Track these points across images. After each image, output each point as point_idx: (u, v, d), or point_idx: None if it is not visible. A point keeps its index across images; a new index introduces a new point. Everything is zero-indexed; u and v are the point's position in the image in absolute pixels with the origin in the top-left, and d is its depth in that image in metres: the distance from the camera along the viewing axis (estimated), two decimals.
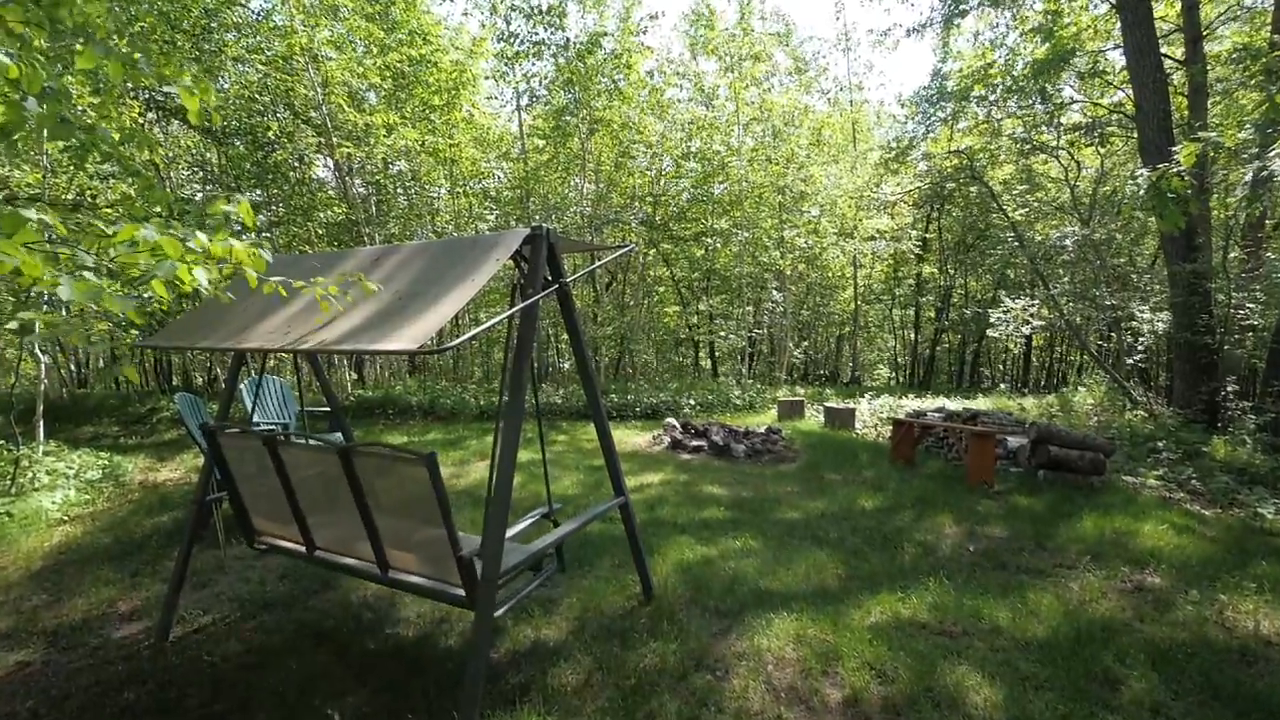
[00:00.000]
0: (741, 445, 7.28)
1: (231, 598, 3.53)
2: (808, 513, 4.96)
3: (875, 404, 10.47)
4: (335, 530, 2.71)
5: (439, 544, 2.34)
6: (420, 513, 2.34)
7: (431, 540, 2.38)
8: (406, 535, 2.47)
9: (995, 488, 5.53)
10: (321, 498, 2.64)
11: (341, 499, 2.49)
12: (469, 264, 2.34)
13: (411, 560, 2.52)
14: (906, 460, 6.51)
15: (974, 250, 18.30)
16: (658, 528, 4.54)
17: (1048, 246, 11.05)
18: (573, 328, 3.00)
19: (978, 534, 4.45)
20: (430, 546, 2.41)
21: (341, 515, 2.57)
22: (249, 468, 2.82)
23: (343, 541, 2.71)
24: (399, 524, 2.46)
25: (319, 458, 2.53)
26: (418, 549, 2.48)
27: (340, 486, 2.46)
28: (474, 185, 14.60)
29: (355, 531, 2.55)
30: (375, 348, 1.97)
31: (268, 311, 2.58)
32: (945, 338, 20.08)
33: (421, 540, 2.43)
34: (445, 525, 2.26)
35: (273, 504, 2.80)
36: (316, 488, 2.63)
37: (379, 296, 2.33)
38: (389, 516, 2.46)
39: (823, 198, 15.49)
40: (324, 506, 2.67)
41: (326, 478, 2.51)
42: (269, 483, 2.72)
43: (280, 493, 2.70)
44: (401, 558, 2.54)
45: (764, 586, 3.56)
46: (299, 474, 2.64)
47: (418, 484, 2.25)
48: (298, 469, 2.63)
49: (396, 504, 2.42)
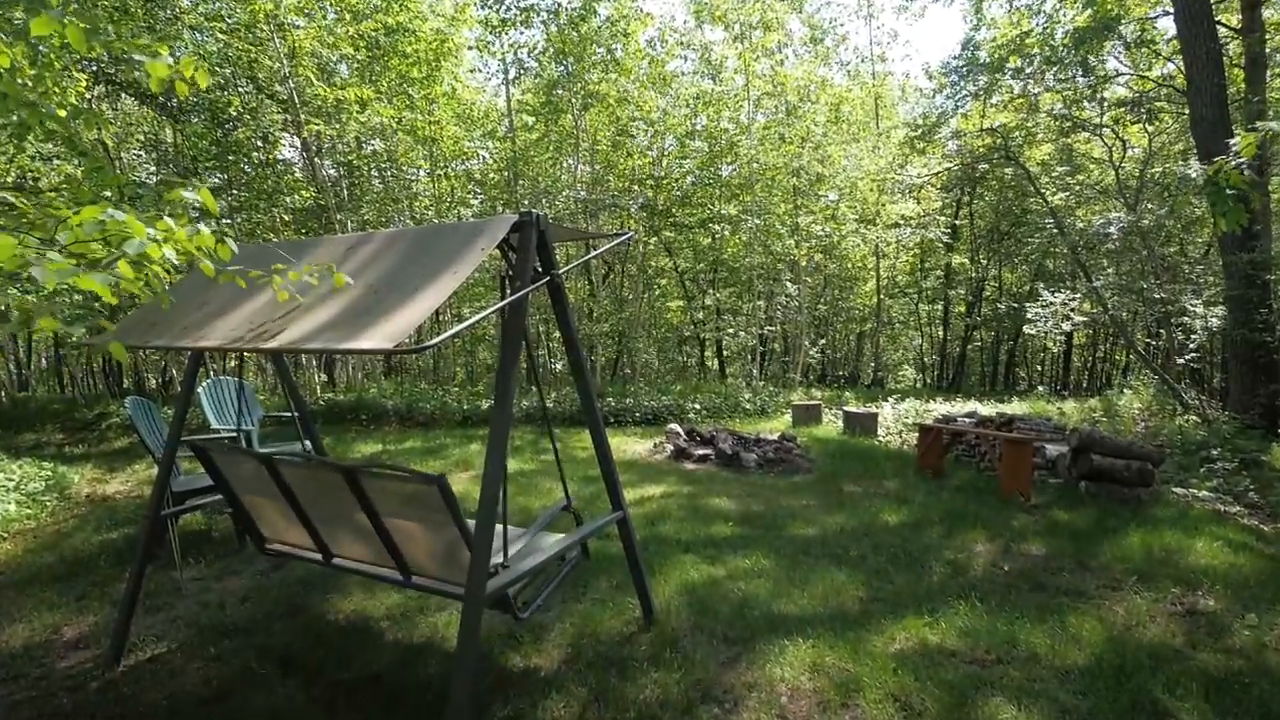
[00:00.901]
0: (752, 454, 7.28)
1: (189, 623, 3.52)
2: (825, 528, 4.96)
3: (900, 408, 10.47)
4: (351, 540, 2.81)
5: (454, 548, 2.48)
6: (434, 528, 2.47)
7: (448, 548, 2.51)
8: (423, 543, 2.58)
9: (1032, 501, 5.53)
10: (331, 511, 2.75)
11: (353, 514, 2.61)
12: (451, 254, 2.34)
13: (430, 565, 2.64)
14: (934, 470, 6.51)
15: (1009, 239, 18.30)
16: (659, 545, 4.54)
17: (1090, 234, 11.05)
18: (565, 324, 3.00)
19: (1013, 552, 4.45)
20: (448, 554, 2.53)
21: (355, 528, 2.69)
22: (247, 481, 2.91)
23: (359, 548, 2.81)
24: (414, 537, 2.58)
25: (324, 477, 2.61)
26: (435, 554, 2.59)
27: (349, 503, 2.57)
28: (456, 167, 14.60)
29: (372, 542, 2.68)
30: (347, 346, 1.97)
31: (228, 307, 2.57)
32: (977, 335, 20.09)
33: (438, 550, 2.55)
34: (465, 539, 2.40)
35: (280, 515, 2.92)
36: (324, 502, 2.73)
37: (351, 290, 2.33)
38: (404, 531, 2.58)
39: (841, 180, 15.49)
40: (335, 519, 2.78)
41: (333, 495, 2.61)
42: (272, 495, 2.83)
43: (286, 505, 2.81)
44: (419, 563, 2.66)
45: (777, 610, 3.56)
46: (304, 491, 2.74)
47: (430, 502, 2.38)
48: (302, 487, 2.73)
49: (410, 521, 2.53)
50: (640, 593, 3.39)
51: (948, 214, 18.63)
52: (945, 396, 13.18)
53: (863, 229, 15.96)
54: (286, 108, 10.75)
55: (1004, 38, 12.83)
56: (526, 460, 7.39)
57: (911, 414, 9.86)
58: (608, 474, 3.22)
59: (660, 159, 15.25)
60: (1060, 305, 9.84)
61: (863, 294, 20.42)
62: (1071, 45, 10.96)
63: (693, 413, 10.49)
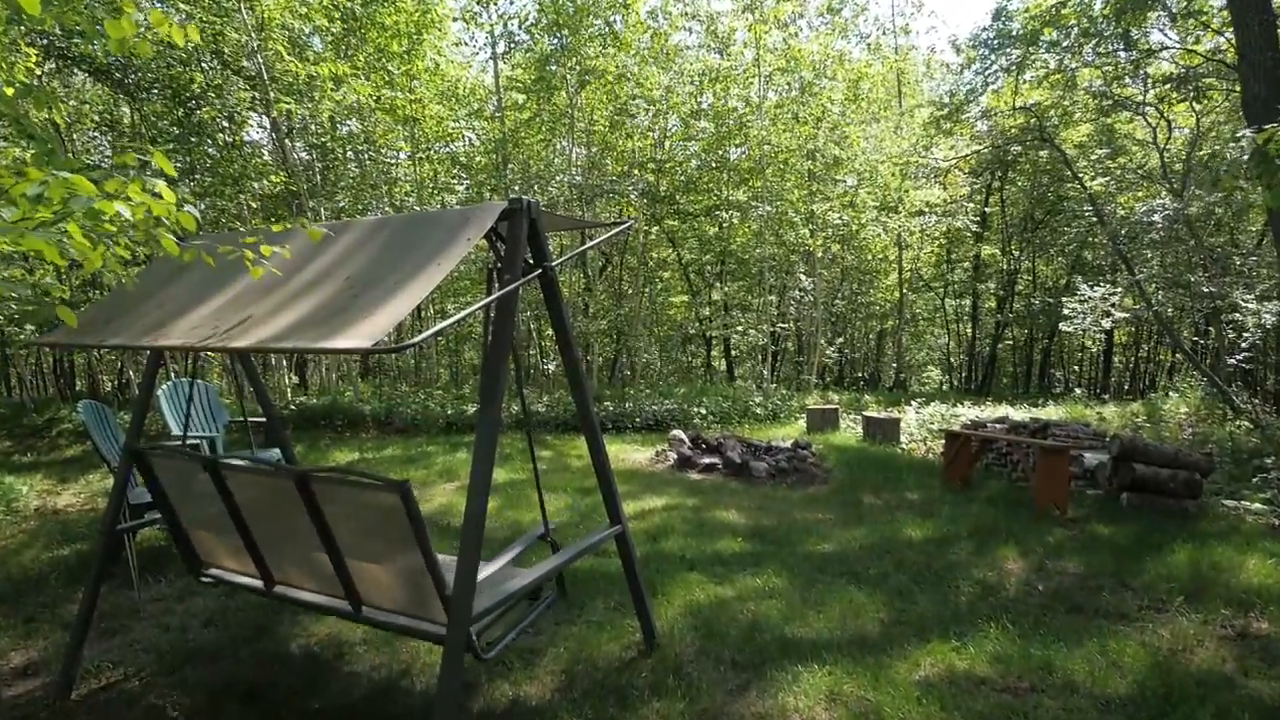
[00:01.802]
0: (763, 463, 7.28)
1: (147, 648, 3.53)
2: (843, 544, 4.96)
3: (924, 413, 10.47)
4: (297, 563, 2.74)
5: (418, 577, 2.38)
6: (394, 546, 2.37)
7: (410, 574, 2.41)
8: (381, 570, 2.51)
9: (1069, 514, 5.53)
10: (278, 528, 2.67)
11: (302, 529, 2.52)
12: (434, 245, 2.34)
13: (387, 596, 2.56)
14: (962, 481, 6.51)
15: (1044, 228, 18.30)
16: (662, 562, 4.54)
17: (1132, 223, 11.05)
18: (559, 321, 3.00)
19: (1048, 570, 4.45)
20: (410, 581, 2.44)
21: (303, 547, 2.61)
22: (188, 492, 2.85)
23: (307, 576, 2.74)
24: (370, 557, 2.50)
25: (272, 484, 2.55)
26: (395, 584, 2.51)
27: (299, 515, 2.48)
28: (440, 149, 14.61)
29: (320, 565, 2.59)
30: (321, 346, 1.97)
31: (191, 303, 2.58)
32: (1009, 333, 20.09)
33: (399, 574, 2.46)
34: (426, 560, 2.30)
35: (220, 531, 2.83)
36: (271, 516, 2.66)
37: (326, 284, 2.34)
38: (359, 549, 2.50)
39: (861, 164, 15.49)
40: (282, 537, 2.70)
41: (282, 506, 2.53)
42: (214, 508, 2.75)
43: (228, 520, 2.73)
44: (376, 594, 2.58)
45: (790, 633, 3.56)
46: (249, 502, 2.67)
47: (390, 514, 2.29)
48: (247, 496, 2.66)
49: (366, 536, 2.45)
50: (641, 614, 3.39)
51: (977, 201, 18.63)
52: (974, 400, 13.19)
53: (884, 217, 15.96)
54: (254, 85, 10.76)
55: (1038, 8, 12.81)
56: (517, 469, 7.39)
57: (937, 419, 9.86)
58: (605, 485, 3.22)
59: (663, 141, 15.26)
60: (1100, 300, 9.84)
61: (884, 288, 20.42)
62: (1112, 16, 10.96)
63: (698, 418, 10.49)
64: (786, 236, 14.94)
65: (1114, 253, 12.68)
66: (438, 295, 15.13)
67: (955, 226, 17.30)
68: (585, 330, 13.60)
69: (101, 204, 1.74)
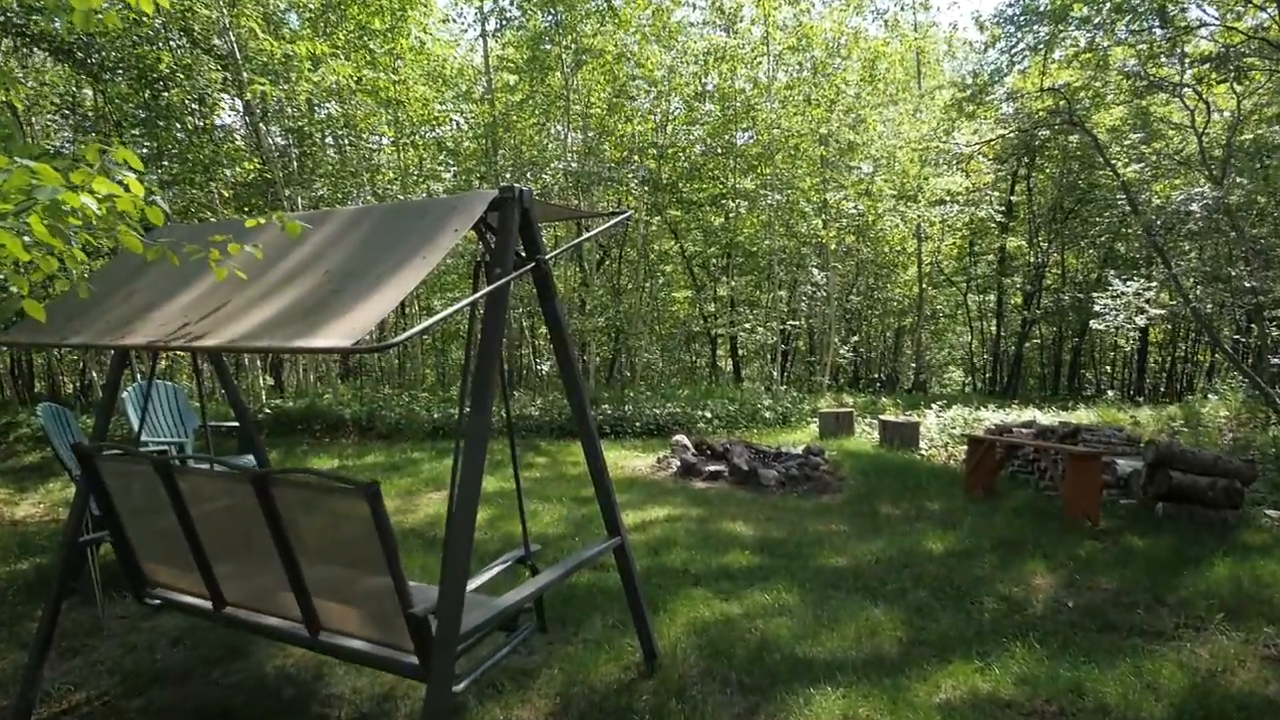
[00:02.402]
0: (772, 471, 7.29)
1: (112, 669, 3.53)
2: (858, 558, 4.96)
3: (945, 417, 10.47)
4: (250, 580, 2.70)
5: (384, 598, 2.33)
6: (360, 558, 2.33)
7: (375, 593, 2.37)
8: (343, 587, 2.46)
9: (1101, 525, 5.53)
10: (232, 539, 2.63)
11: (258, 541, 2.48)
12: (420, 236, 2.35)
13: (350, 619, 2.51)
14: (986, 490, 6.51)
15: (1074, 218, 18.31)
16: (664, 577, 4.54)
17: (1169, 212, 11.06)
18: (553, 318, 3.00)
19: (1078, 585, 4.45)
20: (373, 601, 2.40)
21: (258, 561, 2.56)
22: (136, 499, 2.81)
23: (260, 595, 2.70)
24: (333, 573, 2.46)
25: (228, 488, 2.52)
26: (357, 604, 2.47)
27: (256, 525, 2.44)
28: (426, 134, 14.61)
29: (276, 582, 2.54)
30: (299, 345, 1.97)
31: (159, 298, 2.58)
32: (1036, 331, 20.11)
33: (362, 593, 2.42)
34: (392, 574, 2.25)
35: (169, 546, 2.79)
36: (225, 526, 2.62)
37: (303, 278, 2.34)
38: (320, 563, 2.45)
39: (877, 149, 15.50)
40: (235, 550, 2.66)
41: (238, 514, 2.49)
42: (163, 519, 2.70)
43: (178, 532, 2.69)
44: (337, 616, 2.53)
45: (801, 653, 3.56)
46: (202, 508, 2.63)
47: (356, 522, 2.23)
48: (201, 502, 2.62)
49: (329, 547, 2.42)
50: (641, 633, 3.39)
51: (1002, 189, 18.63)
52: (999, 403, 13.19)
53: (902, 206, 15.97)
54: (226, 65, 10.76)
55: None
56: (508, 478, 7.38)
57: (959, 423, 9.86)
58: (603, 494, 3.23)
59: (664, 125, 15.26)
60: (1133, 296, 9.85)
61: (902, 283, 20.44)
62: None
63: (702, 422, 10.49)
64: (797, 227, 14.93)
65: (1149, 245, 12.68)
66: (423, 290, 15.13)
67: (979, 217, 17.29)
68: (581, 328, 13.60)
69: (66, 195, 1.73)
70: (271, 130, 12.53)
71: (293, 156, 12.82)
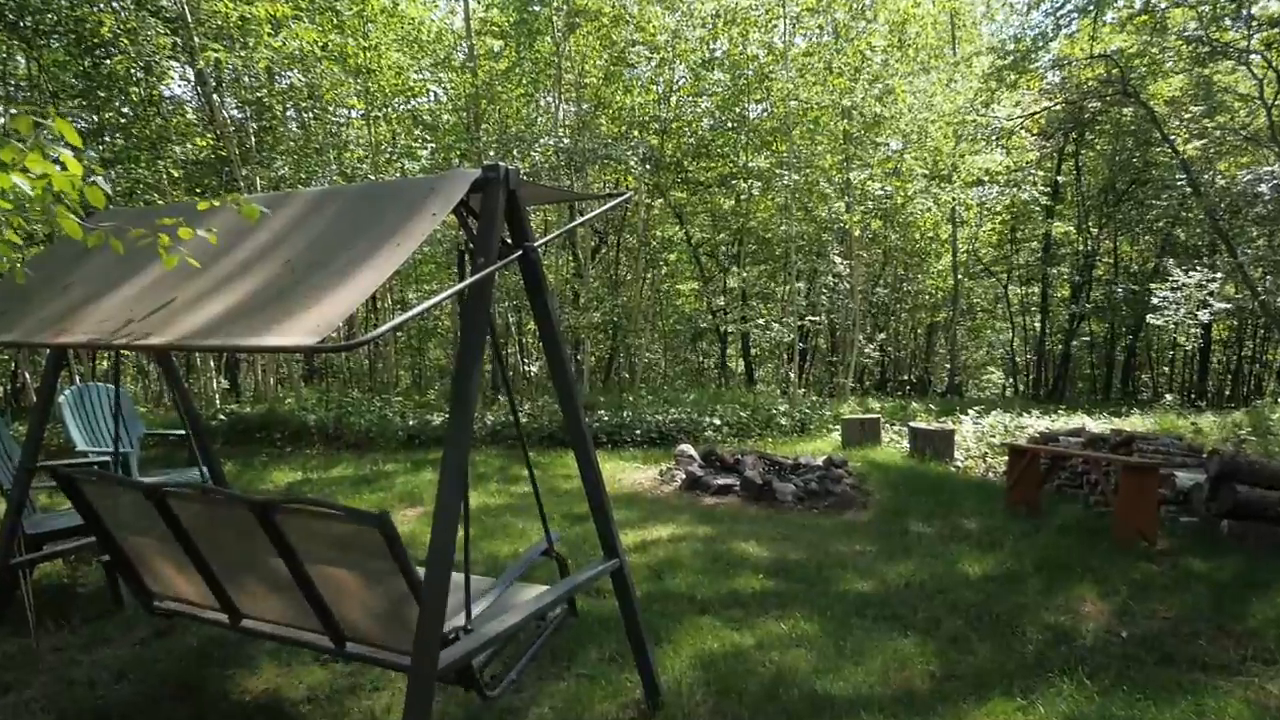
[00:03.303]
0: (789, 484, 7.28)
1: (48, 706, 3.52)
2: (886, 582, 4.96)
3: (984, 424, 10.47)
4: (265, 597, 2.81)
5: (404, 609, 2.48)
6: (376, 578, 2.48)
7: (394, 605, 2.52)
8: (361, 601, 2.59)
9: (1158, 545, 5.52)
10: (239, 561, 2.76)
11: (267, 564, 2.62)
12: (393, 221, 2.34)
13: (373, 630, 2.65)
14: (1030, 506, 6.51)
15: (1127, 200, 18.32)
16: (668, 604, 4.54)
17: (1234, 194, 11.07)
18: (543, 313, 3.00)
19: (1133, 613, 4.44)
20: (394, 613, 2.54)
21: (270, 581, 2.70)
22: (129, 521, 2.92)
23: (278, 610, 2.82)
24: (349, 588, 2.60)
25: (231, 515, 2.61)
26: (379, 616, 2.59)
27: (263, 549, 2.57)
28: (399, 106, 14.63)
29: (291, 599, 2.68)
30: (257, 343, 1.97)
31: (101, 291, 2.58)
32: (1085, 327, 20.12)
33: (382, 606, 2.55)
34: (414, 592, 2.41)
35: (173, 563, 2.93)
36: (229, 546, 2.73)
37: (262, 268, 2.34)
38: (335, 581, 2.59)
39: (907, 124, 15.51)
40: (243, 568, 2.78)
41: (240, 536, 2.61)
42: (162, 539, 2.83)
43: (180, 550, 2.81)
44: (358, 628, 2.67)
45: (822, 689, 3.56)
46: (203, 531, 2.74)
47: (371, 550, 2.39)
48: (199, 525, 2.73)
49: (342, 569, 2.55)
50: (642, 666, 3.39)
51: (1047, 168, 18.65)
52: (1043, 408, 13.18)
53: (935, 188, 15.99)
54: (176, 29, 10.77)
55: None
56: (493, 493, 7.39)
57: (999, 431, 9.86)
58: (599, 511, 3.22)
59: (668, 96, 15.27)
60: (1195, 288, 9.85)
61: (935, 274, 20.45)
62: None
63: (710, 430, 10.49)
64: (817, 211, 14.94)
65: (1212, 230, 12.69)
66: (397, 282, 15.15)
67: (1021, 199, 17.30)
68: (575, 324, 13.62)
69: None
70: (227, 102, 12.54)
71: (250, 131, 12.82)
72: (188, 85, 12.67)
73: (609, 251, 17.48)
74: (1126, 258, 19.91)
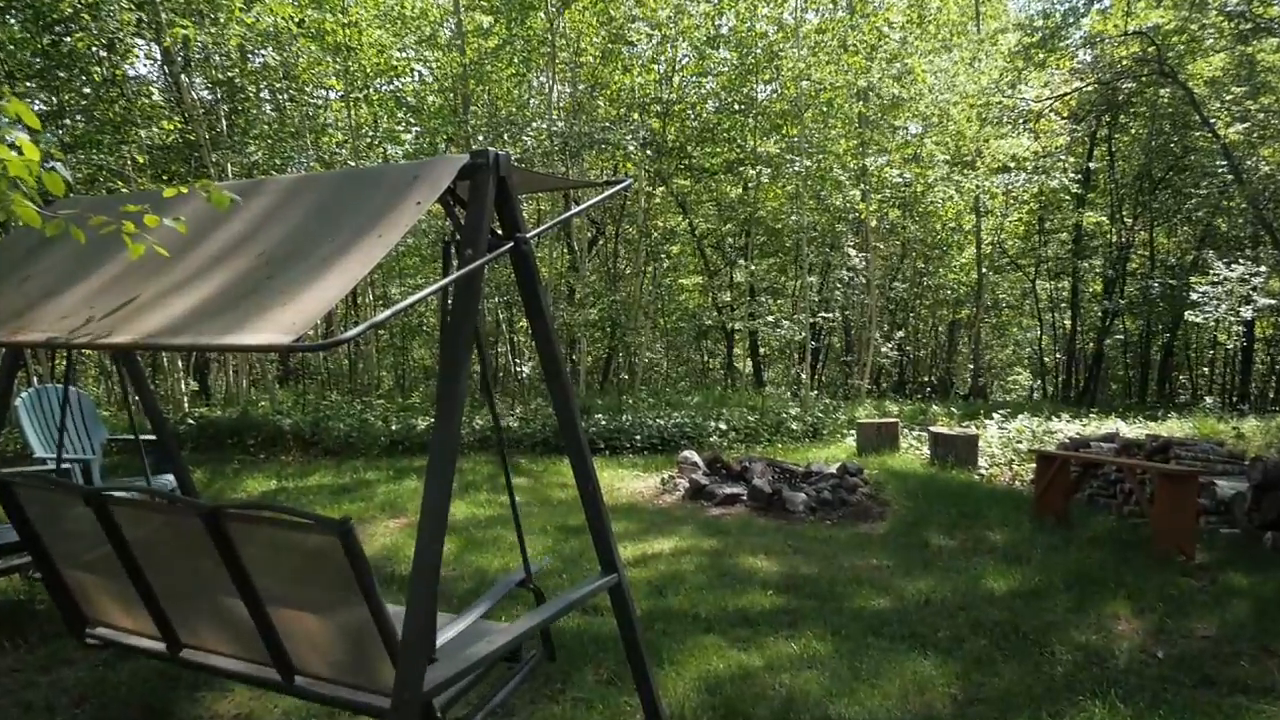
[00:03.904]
0: (800, 494, 7.29)
1: None
2: (904, 599, 4.96)
3: (1009, 428, 10.47)
4: (209, 621, 2.75)
5: (363, 636, 2.39)
6: (334, 597, 2.39)
7: (352, 631, 2.42)
8: (317, 625, 2.52)
9: (1197, 559, 5.52)
10: (184, 577, 2.69)
11: (214, 580, 2.53)
12: (375, 211, 2.35)
13: (326, 660, 2.57)
14: (1059, 517, 6.51)
15: (1164, 188, 18.31)
16: (670, 622, 4.54)
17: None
18: (536, 310, 3.00)
19: (1170, 631, 4.45)
20: (351, 640, 2.45)
21: (216, 601, 2.62)
22: (65, 531, 2.86)
23: (223, 636, 2.75)
24: (302, 611, 2.52)
25: (174, 523, 2.56)
26: (335, 643, 2.52)
27: (211, 563, 2.50)
28: (381, 87, 14.62)
29: (239, 623, 2.60)
30: (228, 342, 1.97)
31: (60, 285, 2.58)
32: (1119, 325, 20.13)
33: (339, 631, 2.47)
34: (373, 614, 2.31)
35: (110, 581, 2.85)
36: (173, 561, 2.67)
37: (234, 261, 2.34)
38: (288, 603, 2.51)
39: (927, 106, 15.51)
40: (189, 588, 2.71)
41: (186, 548, 2.54)
42: (101, 553, 2.76)
43: (119, 567, 2.73)
44: (310, 657, 2.59)
45: (835, 714, 3.56)
46: (144, 543, 2.68)
47: (328, 562, 2.30)
48: (141, 536, 2.67)
49: (297, 586, 2.47)
50: (641, 690, 3.39)
51: (1078, 154, 18.65)
52: (1074, 412, 13.19)
53: (957, 174, 15.98)
54: (141, 4, 10.77)
55: None
56: (483, 504, 7.39)
57: (1026, 437, 9.86)
58: (596, 522, 3.22)
59: (670, 76, 15.27)
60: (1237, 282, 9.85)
61: (957, 267, 20.44)
62: None
63: (716, 435, 10.49)
64: (831, 200, 14.94)
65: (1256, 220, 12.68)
66: (378, 276, 15.15)
67: (1050, 187, 17.28)
68: (570, 321, 13.62)
69: None
70: (196, 83, 12.55)
71: (221, 114, 12.83)
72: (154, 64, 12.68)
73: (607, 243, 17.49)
74: (1163, 250, 19.90)
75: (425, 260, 15.96)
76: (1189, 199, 17.48)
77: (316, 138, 14.23)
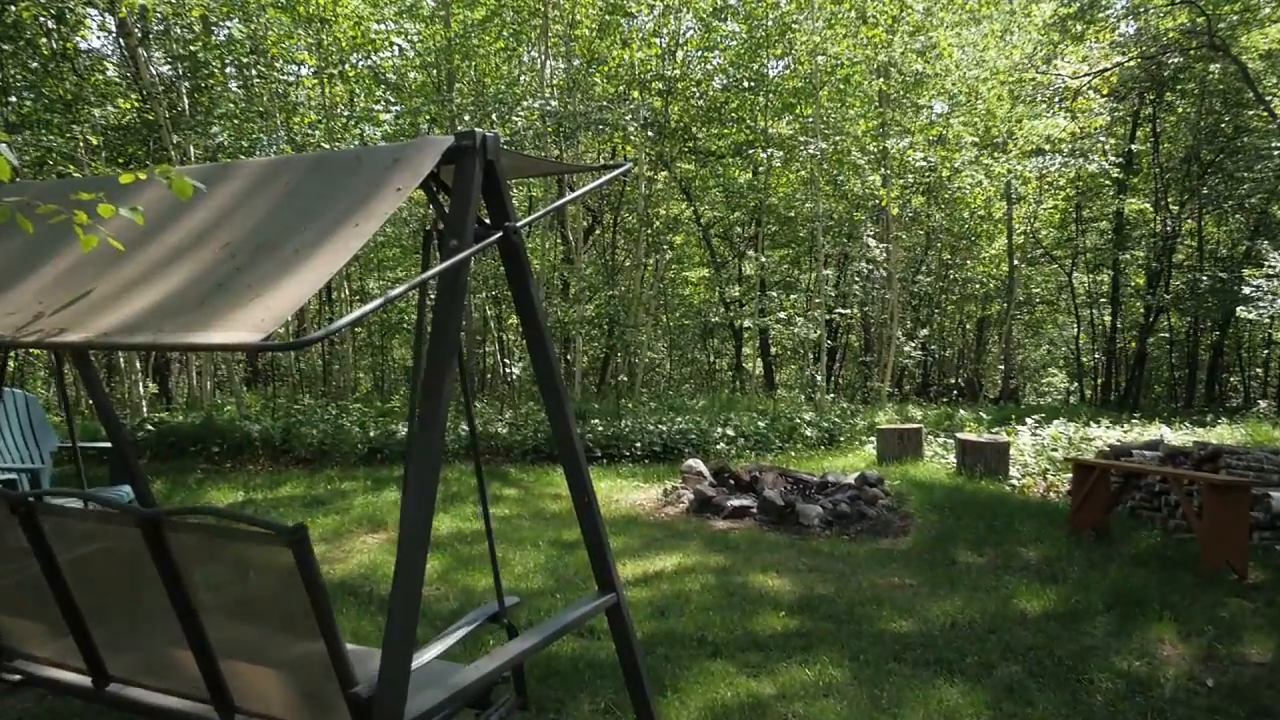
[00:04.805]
0: (815, 506, 7.28)
1: None
2: (929, 621, 4.96)
3: (1044, 435, 10.47)
4: (141, 649, 2.70)
5: (315, 669, 2.33)
6: (284, 623, 2.33)
7: (302, 663, 2.37)
8: (262, 659, 2.47)
9: (1250, 578, 5.51)
10: (115, 597, 2.63)
11: (149, 599, 2.47)
12: (351, 198, 2.34)
13: (271, 697, 2.52)
14: (1098, 531, 6.51)
15: (1214, 173, 18.30)
16: (674, 646, 4.54)
17: None
18: (527, 306, 3.00)
19: (1219, 657, 4.44)
20: (301, 673, 2.40)
21: (151, 625, 2.56)
22: None
23: (156, 668, 2.70)
24: (249, 641, 2.46)
25: (107, 532, 2.52)
26: (282, 681, 2.47)
27: (147, 579, 2.43)
28: (358, 63, 14.63)
29: (175, 651, 2.54)
30: (191, 340, 1.97)
31: (6, 279, 2.58)
32: (1165, 321, 20.14)
33: (288, 667, 2.42)
34: (328, 645, 2.25)
35: (31, 604, 2.79)
36: (106, 580, 2.62)
37: (197, 253, 2.34)
38: (231, 629, 2.46)
39: (954, 83, 15.51)
40: (120, 611, 2.66)
41: (122, 565, 2.49)
42: (22, 570, 2.70)
43: (43, 586, 2.68)
44: (253, 693, 2.53)
45: None
46: (74, 558, 2.62)
47: (277, 578, 2.23)
48: (72, 550, 2.61)
49: (242, 609, 2.43)
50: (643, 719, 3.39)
51: (1119, 135, 18.65)
52: (1114, 417, 13.20)
53: (987, 158, 15.98)
54: None
55: None
56: (469, 516, 7.39)
57: (1062, 444, 9.86)
58: (593, 537, 3.23)
59: (673, 51, 15.28)
60: None
61: (987, 259, 20.45)
62: None
63: (724, 443, 10.49)
64: (848, 185, 14.94)
65: None
66: (356, 268, 15.17)
67: (1088, 171, 17.29)
68: (565, 318, 13.63)
69: None
70: (154, 57, 12.55)
71: (183, 92, 12.82)
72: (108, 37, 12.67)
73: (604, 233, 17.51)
74: (1213, 240, 19.90)
75: (406, 252, 15.96)
76: (1241, 184, 17.48)
77: (287, 118, 14.23)
